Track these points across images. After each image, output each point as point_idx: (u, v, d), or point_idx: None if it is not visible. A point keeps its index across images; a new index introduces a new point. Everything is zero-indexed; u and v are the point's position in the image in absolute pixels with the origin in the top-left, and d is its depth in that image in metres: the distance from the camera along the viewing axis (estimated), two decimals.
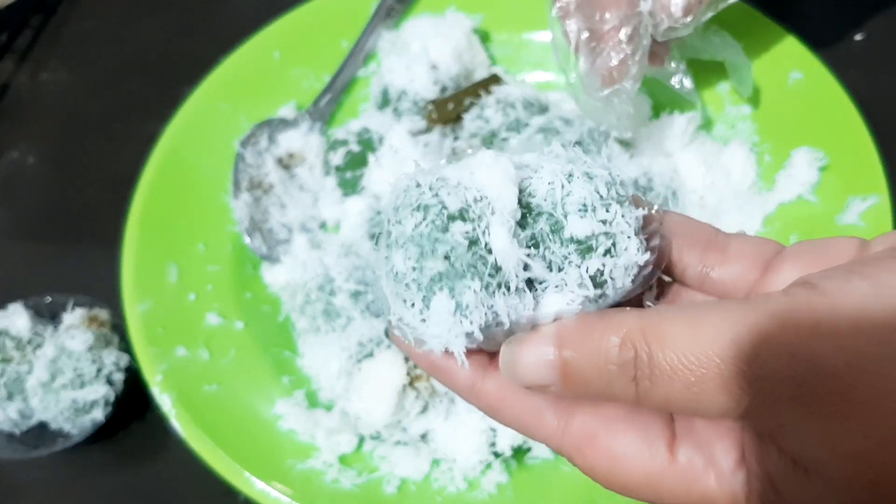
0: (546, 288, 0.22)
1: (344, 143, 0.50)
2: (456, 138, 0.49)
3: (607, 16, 0.40)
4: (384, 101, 0.51)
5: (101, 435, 0.43)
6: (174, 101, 0.51)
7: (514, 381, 0.21)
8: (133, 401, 0.44)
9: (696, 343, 0.18)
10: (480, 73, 0.52)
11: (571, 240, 0.22)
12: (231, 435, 0.40)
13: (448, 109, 0.49)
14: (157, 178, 0.48)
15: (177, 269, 0.46)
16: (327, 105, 0.52)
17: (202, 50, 0.54)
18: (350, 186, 0.49)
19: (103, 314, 0.46)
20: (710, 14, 0.40)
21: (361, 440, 0.41)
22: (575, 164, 0.22)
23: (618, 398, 0.20)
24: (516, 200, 0.22)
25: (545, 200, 0.22)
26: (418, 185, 0.22)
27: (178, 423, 0.40)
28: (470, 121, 0.48)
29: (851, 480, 0.18)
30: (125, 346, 0.44)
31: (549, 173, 0.22)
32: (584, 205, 0.22)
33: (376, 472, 0.39)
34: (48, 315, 0.47)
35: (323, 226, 0.49)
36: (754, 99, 0.47)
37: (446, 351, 0.22)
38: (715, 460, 0.21)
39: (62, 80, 0.63)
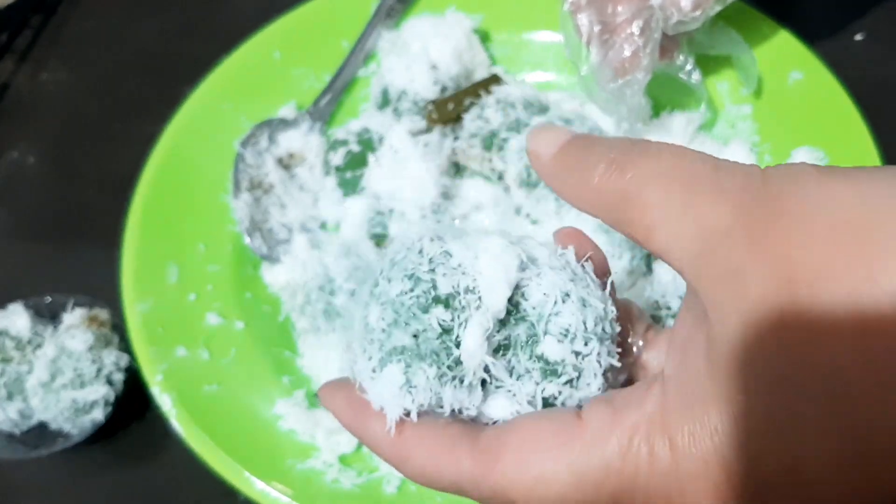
0: (499, 388, 0.22)
1: (344, 143, 0.50)
2: (456, 138, 0.49)
3: (619, 9, 0.40)
4: (384, 101, 0.51)
5: (101, 435, 0.43)
6: (174, 101, 0.51)
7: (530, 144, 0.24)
8: (133, 401, 0.44)
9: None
10: (480, 73, 0.52)
11: (541, 358, 0.22)
12: (231, 435, 0.40)
13: (448, 109, 0.49)
14: (157, 178, 0.48)
15: (177, 269, 0.46)
16: (327, 105, 0.52)
17: (202, 50, 0.54)
18: (350, 186, 0.49)
19: (103, 314, 0.46)
20: (718, 8, 0.41)
21: None
22: (576, 283, 0.22)
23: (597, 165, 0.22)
24: (504, 304, 0.22)
25: (533, 309, 0.22)
26: (420, 252, 0.22)
27: (178, 423, 0.40)
28: (470, 121, 0.48)
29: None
30: (125, 346, 0.44)
31: (549, 284, 0.22)
32: (567, 330, 0.22)
33: (376, 472, 0.39)
34: (48, 315, 0.47)
35: (323, 226, 0.49)
36: (754, 99, 0.48)
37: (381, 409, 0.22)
38: (624, 407, 0.20)
39: (62, 80, 0.63)
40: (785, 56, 0.47)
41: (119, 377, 0.44)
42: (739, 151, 0.46)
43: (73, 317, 0.45)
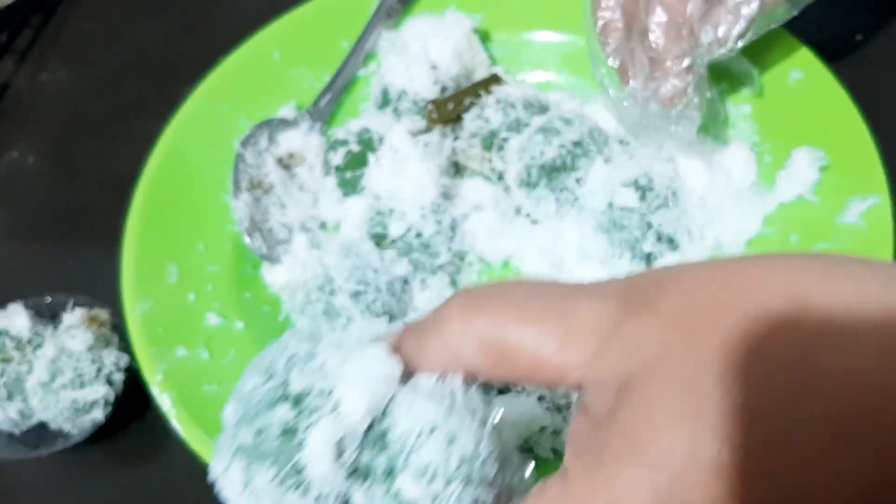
0: None
1: (344, 143, 0.50)
2: (456, 138, 0.49)
3: (667, 45, 0.40)
4: (384, 101, 0.51)
5: (101, 435, 0.43)
6: (174, 101, 0.51)
7: None
8: (133, 401, 0.44)
9: None
10: (480, 73, 0.52)
11: (396, 496, 0.20)
12: None
13: (448, 109, 0.49)
14: (157, 178, 0.48)
15: (177, 269, 0.46)
16: (327, 105, 0.52)
17: (202, 50, 0.54)
18: (350, 186, 0.49)
19: (103, 314, 0.46)
20: (753, 38, 0.41)
21: None
22: (450, 416, 0.20)
23: None
24: (362, 416, 0.20)
25: (398, 437, 0.20)
26: (286, 348, 0.22)
27: (178, 423, 0.40)
28: (470, 121, 0.48)
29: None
30: (125, 346, 0.44)
31: (418, 415, 0.20)
32: (426, 469, 0.20)
33: None
34: (48, 315, 0.47)
35: (323, 226, 0.49)
36: (754, 99, 0.47)
37: None
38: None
39: (62, 80, 0.63)
40: (785, 56, 0.47)
41: (119, 377, 0.44)
42: (739, 151, 0.46)
43: (73, 317, 0.45)
